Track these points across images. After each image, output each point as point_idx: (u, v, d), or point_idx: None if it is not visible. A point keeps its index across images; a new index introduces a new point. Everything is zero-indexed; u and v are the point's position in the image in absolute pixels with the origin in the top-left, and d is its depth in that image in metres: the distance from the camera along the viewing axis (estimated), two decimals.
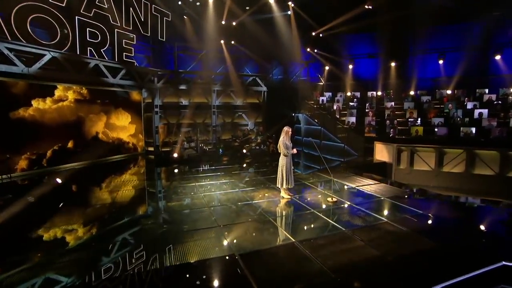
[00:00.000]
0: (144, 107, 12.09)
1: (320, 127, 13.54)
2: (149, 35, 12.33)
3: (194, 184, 7.57)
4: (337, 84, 16.36)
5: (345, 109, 14.03)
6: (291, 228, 4.95)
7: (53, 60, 8.12)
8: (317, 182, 7.85)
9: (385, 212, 5.68)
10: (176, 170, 9.31)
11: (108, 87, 10.29)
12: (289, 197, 6.44)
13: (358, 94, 15.40)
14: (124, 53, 11.08)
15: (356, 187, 7.24)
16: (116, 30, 10.52)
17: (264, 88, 14.15)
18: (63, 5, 8.53)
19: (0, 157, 7.20)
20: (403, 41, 15.21)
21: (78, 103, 9.07)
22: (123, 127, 10.92)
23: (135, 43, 11.59)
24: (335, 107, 14.21)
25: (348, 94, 15.87)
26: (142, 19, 11.78)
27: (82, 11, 9.17)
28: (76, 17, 9.04)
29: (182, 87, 12.69)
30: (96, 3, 9.65)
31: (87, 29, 9.44)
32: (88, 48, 9.67)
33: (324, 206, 5.94)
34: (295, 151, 6.31)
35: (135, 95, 11.55)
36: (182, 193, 6.86)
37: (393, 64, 15.21)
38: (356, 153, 11.76)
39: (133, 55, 11.50)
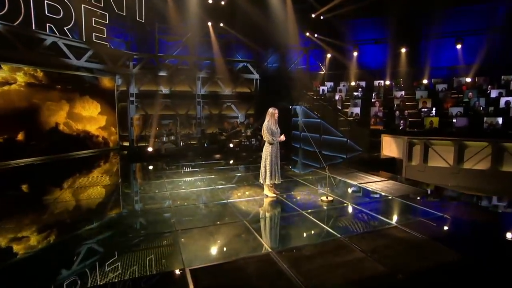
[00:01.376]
0: (118, 95, 11.24)
1: (320, 120, 12.71)
2: (124, 14, 11.52)
3: (163, 181, 6.67)
4: (340, 73, 15.47)
5: (348, 100, 13.13)
6: (269, 233, 4.03)
7: None
8: (311, 179, 6.94)
9: (394, 214, 4.77)
10: (150, 167, 8.42)
11: (71, 70, 9.44)
12: (274, 195, 5.55)
13: (363, 83, 14.51)
14: (93, 34, 10.28)
15: (359, 185, 6.33)
16: (83, 5, 9.70)
17: (256, 76, 13.27)
18: None
19: None
20: (414, 24, 14.31)
21: (31, 88, 8.20)
22: (90, 118, 10.05)
23: (107, 22, 10.79)
24: (337, 97, 13.33)
25: (353, 84, 14.99)
26: None
27: None
28: None
29: (162, 73, 11.84)
30: None
31: (45, 1, 8.60)
32: (48, 24, 8.85)
33: (316, 207, 5.03)
34: (282, 138, 5.41)
35: (106, 82, 10.70)
36: (145, 191, 5.98)
37: (403, 50, 14.30)
38: (361, 148, 10.90)
39: (104, 36, 10.69)
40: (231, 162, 9.24)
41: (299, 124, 13.47)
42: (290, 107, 14.55)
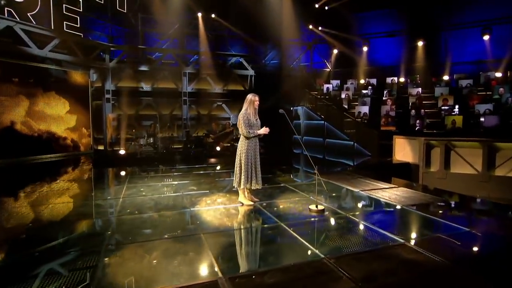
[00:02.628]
0: (92, 92, 10.67)
1: (323, 122, 11.97)
2: (102, 2, 11.09)
3: (122, 186, 5.92)
4: (348, 70, 14.80)
5: (356, 100, 12.37)
6: (228, 252, 3.18)
7: None
8: (303, 185, 6.10)
9: (403, 229, 3.89)
10: (117, 172, 7.70)
11: (35, 62, 8.91)
12: (251, 203, 4.74)
13: (374, 80, 13.74)
14: (64, 22, 9.81)
15: (361, 192, 5.45)
16: None
17: (251, 72, 12.62)
18: None
19: None
20: (433, 13, 13.55)
21: None
22: (57, 117, 9.45)
23: (81, 10, 10.34)
24: (343, 96, 12.59)
25: (362, 81, 14.26)
26: None
27: None
28: None
29: (143, 68, 11.26)
30: None
31: None
32: (6, 8, 8.39)
33: (301, 218, 4.18)
34: (263, 130, 4.63)
35: (78, 77, 10.14)
36: (95, 197, 5.21)
37: (420, 43, 13.52)
38: (369, 153, 10.09)
39: (78, 25, 10.22)
40: (216, 167, 8.47)
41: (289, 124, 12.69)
42: (291, 108, 13.89)
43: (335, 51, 15.35)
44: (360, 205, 4.89)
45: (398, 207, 4.60)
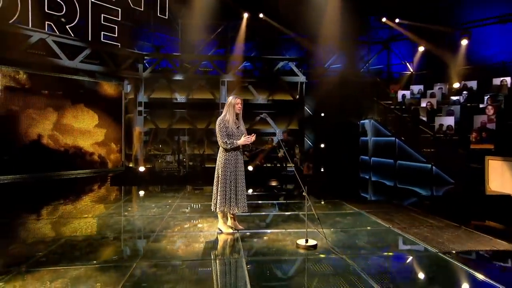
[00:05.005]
0: (125, 104, 11.74)
1: (394, 138, 10.99)
2: (141, 9, 12.32)
3: (112, 204, 6.21)
4: (436, 72, 13.39)
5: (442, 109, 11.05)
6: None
7: None
8: (322, 215, 5.49)
9: None
10: (123, 190, 8.19)
11: (68, 74, 10.22)
12: (230, 231, 4.44)
13: (473, 83, 12.09)
14: (102, 33, 11.13)
15: (392, 229, 4.68)
16: (90, 0, 10.66)
17: (301, 78, 12.33)
18: None
19: None
20: None
21: (10, 92, 9.00)
22: (85, 131, 10.58)
23: (119, 19, 11.60)
24: (423, 105, 11.39)
25: (456, 85, 12.72)
26: None
27: None
28: None
29: (178, 77, 11.99)
30: None
31: None
32: (46, 22, 9.88)
33: (278, 254, 3.71)
34: (242, 141, 4.38)
35: (109, 88, 11.28)
36: (62, 216, 5.54)
37: None
38: (452, 179, 8.86)
39: (115, 35, 11.49)
40: None
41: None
42: (358, 122, 13.15)
43: (421, 49, 14.11)
44: (380, 247, 4.12)
45: (435, 253, 3.74)
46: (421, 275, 3.31)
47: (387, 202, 7.12)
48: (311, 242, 3.91)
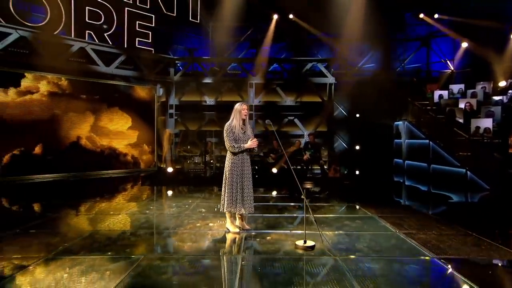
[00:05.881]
0: (157, 107, 12.53)
1: (428, 141, 10.83)
2: (174, 15, 13.05)
3: (139, 202, 6.86)
4: (479, 71, 12.92)
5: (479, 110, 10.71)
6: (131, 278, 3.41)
7: (23, 41, 9.37)
8: (334, 218, 5.72)
9: None
10: (151, 189, 8.87)
11: (105, 79, 11.13)
12: (237, 230, 4.84)
13: None
14: (137, 39, 11.97)
15: (397, 233, 4.84)
16: (126, 8, 11.52)
17: (330, 80, 12.46)
18: None
19: None
20: None
21: (54, 97, 10.04)
22: (119, 132, 11.46)
23: (153, 25, 12.39)
24: (461, 106, 11.08)
25: (502, 83, 12.25)
26: None
27: None
28: None
29: (207, 80, 12.59)
30: None
31: (86, 8, 10.62)
32: (87, 31, 10.83)
33: (274, 253, 4.04)
34: (248, 145, 4.78)
35: (142, 91, 12.11)
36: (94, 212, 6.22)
37: None
38: (487, 185, 8.62)
39: (150, 41, 12.30)
40: (265, 189, 8.77)
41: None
42: (393, 124, 13.03)
43: (464, 45, 13.69)
44: (372, 247, 4.32)
45: (429, 260, 3.89)
46: (405, 279, 3.48)
47: (405, 207, 7.21)
48: (309, 243, 4.21)
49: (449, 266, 3.72)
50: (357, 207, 6.72)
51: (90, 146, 10.86)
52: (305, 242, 4.22)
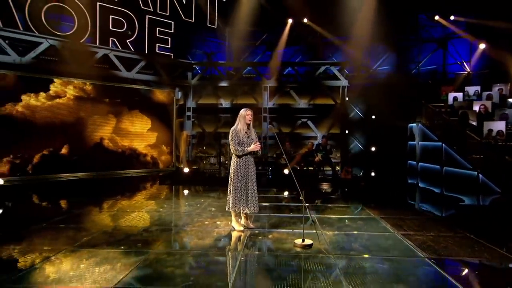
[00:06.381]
0: (176, 110, 13.02)
1: (440, 143, 10.85)
2: (193, 21, 13.52)
3: (151, 201, 7.31)
4: (496, 72, 12.78)
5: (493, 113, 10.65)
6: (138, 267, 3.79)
7: (52, 49, 10.01)
8: (340, 219, 5.97)
9: None
10: (168, 188, 9.34)
11: (127, 83, 11.69)
12: (242, 228, 5.18)
13: None
14: (156, 45, 12.50)
15: (395, 234, 5.05)
16: (147, 16, 12.06)
17: (343, 82, 12.60)
18: None
19: None
20: None
21: (79, 101, 10.66)
22: (139, 134, 12.00)
23: (172, 31, 12.89)
24: (475, 108, 11.04)
25: None
26: (184, 1, 12.97)
27: None
28: (98, 3, 10.86)
29: (223, 83, 12.98)
30: None
31: (110, 16, 11.20)
32: (111, 39, 11.41)
33: (272, 250, 4.36)
34: (254, 147, 5.10)
35: (161, 95, 12.63)
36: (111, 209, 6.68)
37: None
38: (499, 189, 8.65)
39: (169, 46, 12.81)
40: (278, 190, 9.08)
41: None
42: (407, 126, 13.07)
43: (481, 46, 13.54)
44: (367, 247, 4.55)
45: (422, 260, 4.10)
46: (393, 277, 3.70)
47: (409, 208, 7.37)
48: (307, 241, 4.48)
49: (438, 266, 3.90)
50: (362, 208, 6.94)
51: (112, 147, 11.43)
52: (303, 240, 4.50)
